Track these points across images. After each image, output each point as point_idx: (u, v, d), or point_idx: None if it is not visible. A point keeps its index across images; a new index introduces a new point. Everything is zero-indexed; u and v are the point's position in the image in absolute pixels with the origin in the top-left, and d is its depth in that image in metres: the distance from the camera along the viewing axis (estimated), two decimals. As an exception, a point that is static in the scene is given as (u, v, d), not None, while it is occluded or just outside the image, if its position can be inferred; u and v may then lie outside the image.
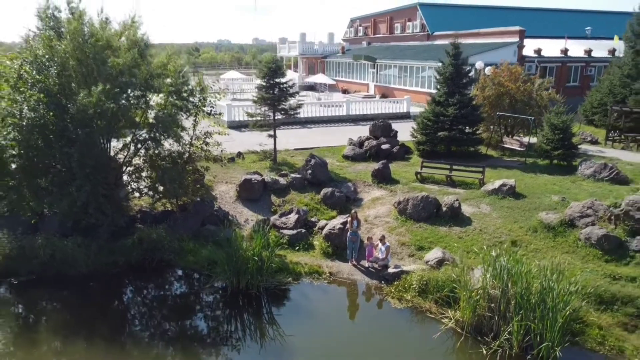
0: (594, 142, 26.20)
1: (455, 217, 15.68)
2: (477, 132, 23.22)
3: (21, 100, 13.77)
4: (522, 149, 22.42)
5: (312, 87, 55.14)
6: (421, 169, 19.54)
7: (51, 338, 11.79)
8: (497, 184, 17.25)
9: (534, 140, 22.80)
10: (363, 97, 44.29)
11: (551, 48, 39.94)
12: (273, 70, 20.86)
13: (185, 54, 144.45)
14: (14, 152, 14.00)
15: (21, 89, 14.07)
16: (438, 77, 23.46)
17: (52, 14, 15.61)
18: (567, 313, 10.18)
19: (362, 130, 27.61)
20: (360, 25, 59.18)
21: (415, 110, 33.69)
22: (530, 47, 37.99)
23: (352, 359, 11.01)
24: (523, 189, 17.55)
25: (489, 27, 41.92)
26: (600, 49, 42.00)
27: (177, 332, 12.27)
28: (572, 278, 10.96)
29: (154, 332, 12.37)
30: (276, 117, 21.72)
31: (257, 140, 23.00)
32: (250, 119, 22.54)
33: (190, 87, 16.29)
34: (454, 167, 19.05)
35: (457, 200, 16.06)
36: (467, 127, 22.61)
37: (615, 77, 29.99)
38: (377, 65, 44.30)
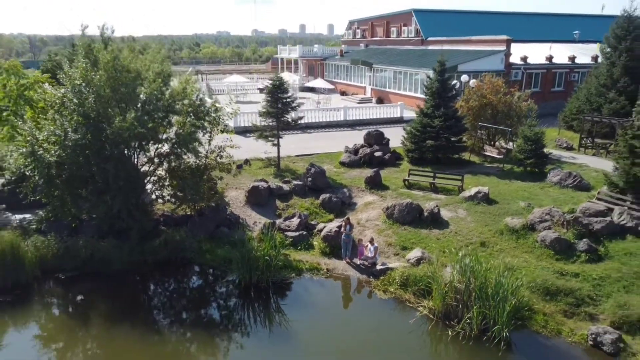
0: (569, 148, 28.73)
1: (435, 221, 18.23)
2: (462, 140, 25.70)
3: (65, 124, 16.26)
4: (500, 157, 24.96)
5: (312, 89, 57.57)
6: (408, 177, 22.07)
7: (92, 323, 14.37)
8: (473, 191, 19.80)
9: (513, 145, 25.32)
10: (360, 101, 46.86)
11: (539, 54, 42.32)
12: (277, 87, 23.30)
13: (186, 49, 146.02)
14: (58, 167, 16.51)
15: (64, 113, 16.58)
16: (426, 90, 25.89)
17: (87, 45, 18.08)
18: (513, 302, 12.74)
19: (359, 135, 30.15)
20: (358, 28, 61.40)
21: (409, 114, 36.13)
22: (517, 54, 40.39)
23: (345, 338, 13.60)
24: (496, 195, 20.10)
25: (481, 32, 44.33)
26: (586, 53, 44.39)
27: (198, 318, 14.86)
28: (519, 274, 13.55)
29: (178, 318, 14.93)
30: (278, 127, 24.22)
31: (261, 145, 25.41)
32: (256, 126, 25.01)
33: (206, 107, 18.78)
34: (437, 175, 21.58)
35: (437, 206, 18.61)
36: (452, 136, 25.11)
37: (592, 86, 32.44)
38: (374, 69, 46.67)
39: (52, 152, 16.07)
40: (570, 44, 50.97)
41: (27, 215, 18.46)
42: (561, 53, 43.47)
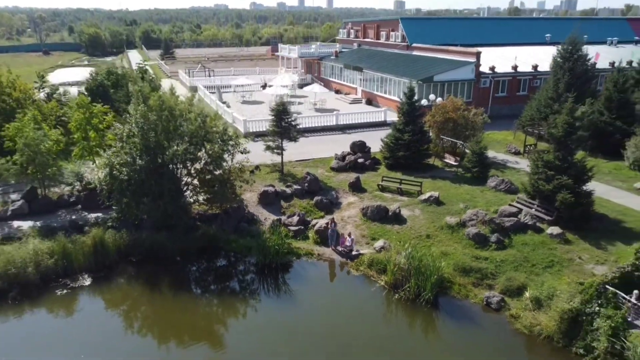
0: (517, 152, 35.42)
1: (397, 218, 25.10)
2: (427, 149, 32.33)
3: (132, 151, 22.96)
4: (456, 163, 31.69)
5: (309, 84, 63.85)
6: (382, 182, 28.84)
7: (154, 290, 21.36)
8: (427, 195, 26.62)
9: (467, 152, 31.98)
10: (352, 101, 53.29)
11: (510, 58, 48.64)
12: (281, 111, 29.85)
13: (188, 31, 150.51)
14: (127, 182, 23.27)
15: (129, 143, 23.26)
16: (398, 111, 32.46)
17: (139, 92, 24.66)
18: (436, 277, 19.67)
19: (348, 138, 36.85)
20: (352, 29, 67.18)
21: (393, 117, 42.49)
22: (489, 62, 46.72)
23: (328, 301, 20.61)
24: (445, 198, 26.92)
25: (461, 36, 51.02)
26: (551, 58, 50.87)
27: (227, 288, 21.87)
28: (449, 258, 20.50)
29: (212, 288, 21.94)
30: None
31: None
32: (265, 141, 31.65)
33: (229, 134, 25.34)
34: (402, 181, 28.36)
35: (399, 207, 25.48)
36: (419, 147, 31.74)
37: (542, 97, 38.92)
38: (364, 73, 52.91)
39: (124, 172, 22.83)
40: (542, 46, 57.26)
41: (99, 214, 25.30)
42: (533, 56, 49.92)
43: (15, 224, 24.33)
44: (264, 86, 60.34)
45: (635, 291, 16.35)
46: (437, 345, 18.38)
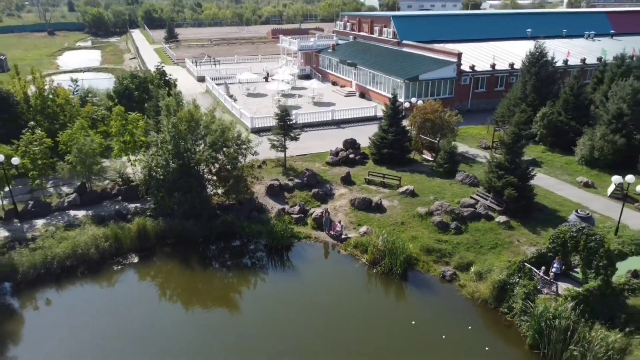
0: (486, 147, 41.09)
1: (379, 208, 31.02)
2: (408, 147, 38.00)
3: (165, 155, 28.68)
4: (432, 159, 37.42)
5: (307, 76, 69.12)
6: (368, 176, 34.66)
7: (184, 264, 27.44)
8: (404, 188, 32.48)
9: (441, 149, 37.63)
10: (347, 94, 58.65)
11: (487, 59, 53.91)
12: (284, 117, 35.41)
13: (188, 10, 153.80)
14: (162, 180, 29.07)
15: (163, 149, 28.96)
16: (383, 115, 38.02)
17: (167, 106, 30.25)
18: (404, 256, 25.66)
19: (342, 133, 42.58)
20: (348, 21, 71.89)
21: (382, 112, 48.00)
22: (469, 61, 51.98)
23: (322, 274, 26.69)
24: (419, 190, 32.78)
25: (448, 33, 56.57)
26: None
27: (241, 264, 27.92)
28: (417, 241, 26.52)
29: (230, 264, 27.96)
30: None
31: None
32: (270, 139, 37.32)
33: (242, 139, 31.00)
34: (385, 175, 34.16)
35: (380, 199, 31.38)
36: (401, 145, 37.42)
37: (512, 97, 44.35)
38: (358, 69, 58.09)
39: (160, 172, 28.64)
40: (523, 40, 62.36)
41: (137, 205, 31.19)
42: (513, 51, 55.31)
43: (72, 213, 30.27)
44: (266, 78, 65.63)
45: (543, 267, 22.33)
46: (404, 307, 24.54)
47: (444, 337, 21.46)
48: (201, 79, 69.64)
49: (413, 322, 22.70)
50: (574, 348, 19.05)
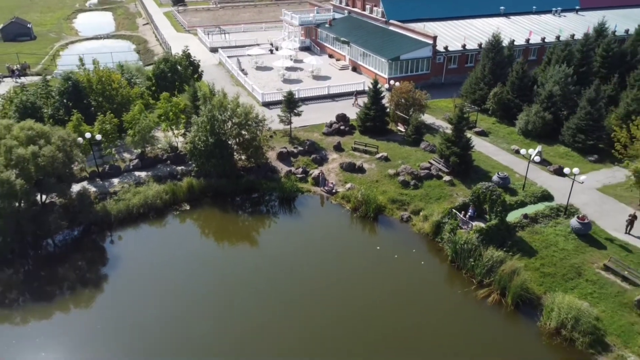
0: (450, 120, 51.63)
1: (360, 170, 42.17)
2: (386, 121, 48.71)
3: (205, 132, 39.52)
4: (404, 130, 48.24)
5: (307, 48, 78.64)
6: (354, 144, 45.62)
7: (218, 210, 38.99)
8: (380, 154, 43.52)
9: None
10: (341, 67, 68.53)
11: (460, 38, 63.52)
12: (290, 99, 45.96)
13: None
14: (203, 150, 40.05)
15: (202, 128, 39.78)
16: (367, 96, 48.50)
17: (204, 95, 40.87)
18: (376, 204, 37.05)
19: (336, 105, 53.36)
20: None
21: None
22: (442, 44, 61.64)
23: (318, 217, 38.24)
24: (393, 156, 43.83)
25: (430, 11, 66.14)
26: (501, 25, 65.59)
27: (260, 210, 39.45)
28: (387, 194, 37.91)
29: (251, 210, 39.51)
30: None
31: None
32: (279, 115, 48.00)
33: (259, 118, 41.68)
34: (366, 144, 45.13)
35: (362, 162, 42.51)
36: (381, 119, 48.11)
37: (474, 76, 54.49)
38: (351, 45, 67.64)
39: (201, 145, 39.59)
40: (496, 17, 71.66)
41: (183, 167, 42.29)
42: (486, 27, 64.98)
43: (136, 173, 41.47)
44: (272, 51, 75.24)
45: (463, 212, 33.76)
46: (373, 239, 36.19)
47: (396, 256, 33.27)
48: (214, 50, 79.00)
49: (378, 248, 34.49)
50: (472, 260, 30.80)
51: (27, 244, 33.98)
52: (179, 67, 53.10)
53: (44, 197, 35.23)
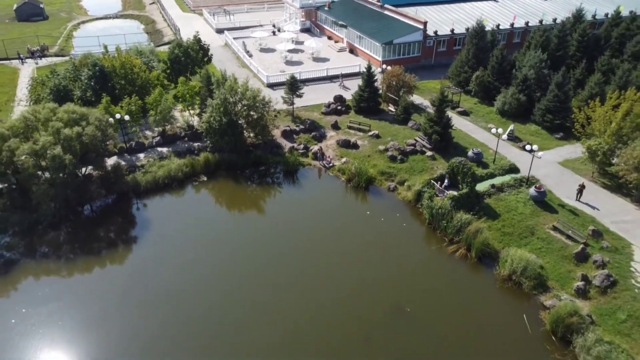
0: (436, 100, 57.27)
1: (354, 145, 48.14)
2: (379, 101, 54.37)
3: (219, 112, 45.36)
4: (394, 110, 53.97)
5: (308, 29, 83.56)
6: (349, 123, 51.48)
7: (231, 181, 45.20)
8: (372, 132, 49.41)
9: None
10: (339, 49, 73.71)
11: (449, 22, 68.54)
12: (292, 83, 51.57)
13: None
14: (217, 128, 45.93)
15: (216, 110, 45.60)
16: (362, 78, 54.06)
17: (217, 81, 46.59)
18: (367, 176, 43.17)
19: (334, 87, 59.06)
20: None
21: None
22: (432, 29, 66.70)
23: (317, 187, 44.43)
24: (383, 134, 49.73)
25: None
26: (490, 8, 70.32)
27: (267, 181, 45.63)
28: (377, 167, 44.04)
29: (259, 181, 45.70)
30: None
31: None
32: (283, 97, 53.67)
33: (265, 100, 47.42)
34: (360, 123, 50.99)
35: (356, 139, 48.47)
36: (373, 100, 53.78)
37: (460, 60, 59.85)
38: (348, 29, 72.65)
39: (215, 124, 45.48)
40: (486, 1, 76.40)
41: (199, 144, 48.25)
42: (476, 10, 69.88)
43: (159, 149, 47.49)
44: (274, 32, 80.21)
45: (439, 182, 39.90)
46: (364, 206, 42.44)
47: (382, 219, 39.63)
48: (220, 31, 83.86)
49: (368, 213, 40.83)
50: (445, 222, 37.13)
51: (70, 209, 40.23)
52: (191, 52, 58.48)
53: (83, 169, 41.30)
